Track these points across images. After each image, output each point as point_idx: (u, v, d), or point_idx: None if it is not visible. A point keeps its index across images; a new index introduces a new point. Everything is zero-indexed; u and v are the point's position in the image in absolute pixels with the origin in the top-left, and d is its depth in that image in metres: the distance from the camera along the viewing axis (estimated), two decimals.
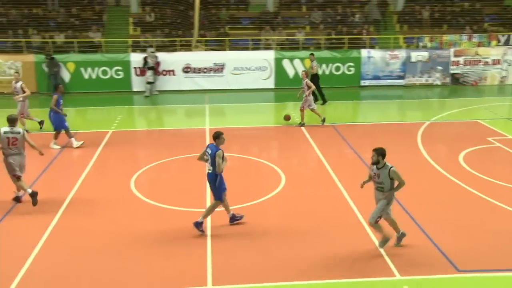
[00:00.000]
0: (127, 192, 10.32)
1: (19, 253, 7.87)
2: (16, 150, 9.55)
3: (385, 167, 7.61)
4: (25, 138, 9.65)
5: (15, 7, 21.87)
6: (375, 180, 7.76)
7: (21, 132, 9.64)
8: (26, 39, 20.43)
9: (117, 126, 15.32)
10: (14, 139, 9.52)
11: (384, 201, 7.67)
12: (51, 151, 12.85)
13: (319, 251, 7.97)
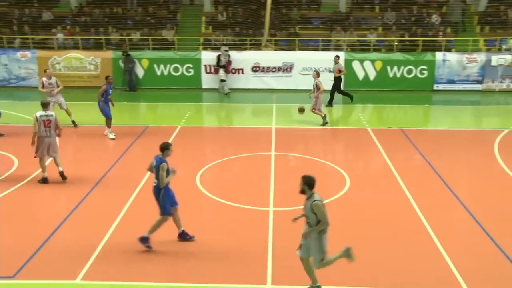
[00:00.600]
0: (193, 187, 10.59)
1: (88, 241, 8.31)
2: (49, 132, 10.57)
3: (311, 198, 6.51)
4: (57, 121, 10.69)
5: (98, 7, 23.13)
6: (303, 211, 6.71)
7: (54, 115, 10.71)
8: (106, 37, 21.54)
9: (185, 122, 15.77)
10: (48, 121, 10.56)
11: (316, 241, 6.61)
12: (121, 143, 13.42)
13: (381, 259, 7.76)
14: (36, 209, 9.75)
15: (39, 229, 8.69)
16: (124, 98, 19.32)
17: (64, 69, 20.87)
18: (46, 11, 22.77)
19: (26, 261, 7.62)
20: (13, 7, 23.21)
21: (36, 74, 20.83)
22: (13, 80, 20.97)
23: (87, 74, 20.94)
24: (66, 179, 10.72)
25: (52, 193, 10.64)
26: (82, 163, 12.23)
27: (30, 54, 20.78)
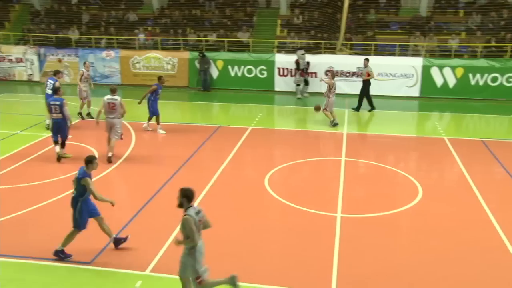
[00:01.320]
0: (261, 189, 10.69)
1: (159, 234, 8.65)
2: (114, 115, 12.06)
3: (186, 211, 6.18)
4: (122, 104, 12.04)
5: (178, 9, 24.02)
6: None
7: (118, 100, 12.03)
8: (184, 38, 22.30)
9: (257, 123, 15.94)
10: (113, 104, 12.04)
11: (188, 258, 6.26)
12: (193, 142, 13.81)
13: (454, 275, 7.40)
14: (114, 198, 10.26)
15: (114, 219, 9.16)
16: (198, 97, 19.91)
17: (143, 68, 21.87)
18: (131, 13, 23.98)
19: (102, 248, 8.07)
20: (102, 10, 24.69)
21: (118, 73, 22.00)
22: (98, 78, 22.27)
23: (164, 74, 21.76)
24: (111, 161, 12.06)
25: (128, 186, 11.20)
26: (156, 159, 12.73)
27: (114, 54, 21.99)
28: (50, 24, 23.68)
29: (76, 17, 24.21)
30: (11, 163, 11.96)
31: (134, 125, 15.19)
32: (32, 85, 22.46)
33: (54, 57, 22.39)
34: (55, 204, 9.82)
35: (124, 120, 13.08)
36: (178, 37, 22.22)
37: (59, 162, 12.07)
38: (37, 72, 22.69)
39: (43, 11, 24.81)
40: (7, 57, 22.72)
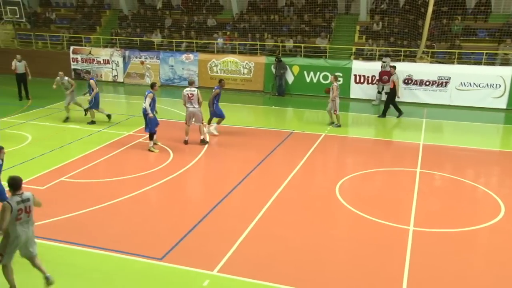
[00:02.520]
0: (332, 197, 10.59)
1: (228, 235, 8.84)
2: (191, 104, 13.70)
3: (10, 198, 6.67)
4: (198, 95, 13.60)
5: (257, 14, 24.40)
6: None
7: (196, 91, 13.56)
8: (261, 42, 22.62)
9: (330, 130, 15.80)
10: (191, 95, 13.67)
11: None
12: (266, 146, 13.93)
13: None
14: (187, 197, 10.67)
15: (187, 216, 9.50)
16: (272, 102, 20.09)
17: (220, 72, 22.45)
18: (211, 18, 24.73)
19: (174, 245, 8.39)
20: (184, 15, 25.67)
21: (196, 75, 22.74)
22: (176, 80, 23.19)
23: (241, 78, 22.22)
24: (207, 143, 13.79)
25: (201, 185, 11.55)
26: (228, 162, 13.02)
27: (193, 57, 22.77)
28: (136, 28, 24.99)
29: (159, 21, 25.37)
30: (93, 159, 12.77)
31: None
32: (116, 85, 23.82)
33: (137, 59, 23.60)
34: (130, 200, 10.35)
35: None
36: (255, 42, 22.58)
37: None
38: (121, 73, 24.04)
39: (130, 16, 26.23)
40: (96, 58, 24.29)
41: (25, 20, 25.87)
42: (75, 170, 11.94)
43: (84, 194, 10.66)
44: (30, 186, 10.91)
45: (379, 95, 19.77)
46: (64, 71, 24.51)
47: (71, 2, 28.57)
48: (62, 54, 25.05)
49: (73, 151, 13.40)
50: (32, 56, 25.40)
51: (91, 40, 25.53)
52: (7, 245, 6.83)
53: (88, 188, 11.03)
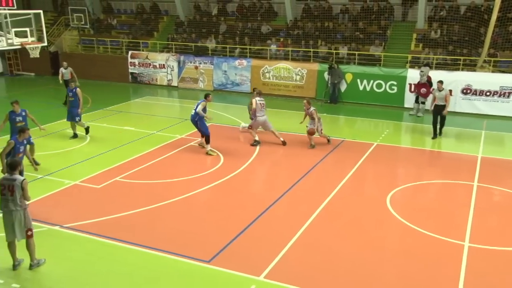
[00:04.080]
0: (382, 208, 10.34)
1: (275, 242, 8.81)
2: (263, 112, 14.58)
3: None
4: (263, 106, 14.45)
5: (311, 21, 24.33)
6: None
7: (263, 100, 14.53)
8: (314, 49, 22.51)
9: (382, 139, 15.47)
10: (263, 104, 14.57)
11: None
12: (316, 153, 13.81)
13: None
14: (237, 201, 10.74)
15: (237, 221, 9.56)
16: (324, 109, 19.91)
17: (272, 78, 22.52)
18: (265, 24, 24.89)
19: (222, 248, 8.46)
20: (238, 21, 26.00)
21: (248, 81, 22.94)
22: (229, 85, 23.48)
23: (293, 84, 22.20)
24: (285, 144, 14.52)
25: (251, 190, 11.60)
26: (278, 167, 13.01)
27: (246, 63, 22.99)
28: (191, 34, 25.54)
29: (214, 27, 25.81)
30: (146, 161, 13.12)
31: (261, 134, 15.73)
32: (170, 89, 24.42)
33: (192, 64, 24.10)
34: (181, 202, 10.54)
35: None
36: (309, 49, 22.50)
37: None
38: (175, 77, 24.62)
39: (186, 22, 26.86)
40: (152, 63, 25.02)
41: (89, 26, 27.12)
42: (129, 171, 12.31)
43: (136, 194, 10.96)
44: (87, 185, 11.36)
45: (417, 105, 19.10)
46: (122, 75, 25.63)
47: (131, 9, 29.62)
48: (121, 58, 26.00)
49: (128, 152, 13.83)
50: (94, 60, 26.61)
51: (149, 45, 26.33)
52: None
53: (141, 188, 11.34)
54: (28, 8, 25.17)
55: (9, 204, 7.59)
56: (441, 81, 15.88)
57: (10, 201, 7.57)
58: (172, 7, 28.21)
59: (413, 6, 23.59)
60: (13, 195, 7.54)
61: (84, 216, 9.66)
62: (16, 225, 7.67)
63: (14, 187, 7.52)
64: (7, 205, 7.61)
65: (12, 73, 28.18)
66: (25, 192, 7.61)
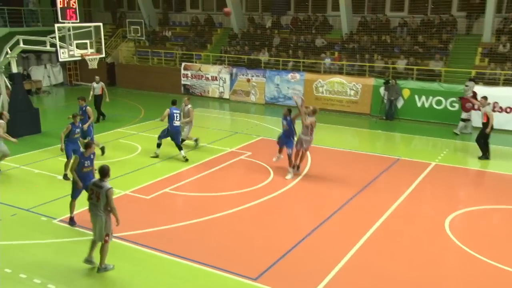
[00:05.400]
0: (440, 232, 9.90)
1: (325, 262, 8.61)
2: (309, 136, 12.75)
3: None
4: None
5: (367, 34, 24.00)
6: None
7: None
8: (370, 64, 22.15)
9: (441, 159, 14.90)
10: (311, 128, 12.72)
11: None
12: (369, 172, 13.48)
13: None
14: (286, 218, 10.64)
15: (285, 238, 9.45)
16: (379, 126, 19.50)
17: (326, 92, 22.32)
18: (319, 38, 24.80)
19: (269, 266, 8.36)
20: (292, 34, 26.07)
21: (301, 95, 22.82)
22: (281, 99, 23.48)
23: (347, 99, 21.91)
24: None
25: (300, 207, 11.46)
26: (330, 184, 12.79)
27: (299, 76, 22.94)
28: (244, 46, 25.84)
29: (268, 40, 25.99)
30: (196, 173, 13.27)
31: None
32: (222, 102, 24.73)
33: (244, 77, 24.33)
34: (229, 216, 10.54)
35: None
36: (364, 63, 22.17)
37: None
38: (227, 90, 24.91)
39: (240, 34, 27.22)
40: (205, 75, 25.48)
41: (144, 38, 28.10)
42: (178, 182, 12.48)
43: (185, 206, 11.08)
44: (136, 195, 11.61)
45: (463, 123, 18.27)
46: (175, 86, 26.25)
47: (186, 21, 30.43)
48: (174, 70, 26.66)
49: (178, 163, 14.04)
50: (148, 72, 27.45)
51: (202, 57, 26.87)
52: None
53: (190, 201, 11.45)
54: (89, 21, 26.45)
55: (94, 208, 8.11)
56: (485, 97, 15.32)
57: (95, 206, 8.06)
58: (226, 20, 28.72)
59: (479, 19, 22.78)
60: (98, 201, 7.99)
61: (132, 226, 9.84)
62: (96, 228, 8.14)
63: (100, 194, 7.95)
64: (92, 208, 8.15)
65: (71, 83, 29.52)
66: (109, 201, 7.97)
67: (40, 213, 10.54)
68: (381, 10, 25.27)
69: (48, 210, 10.70)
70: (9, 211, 10.68)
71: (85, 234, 9.51)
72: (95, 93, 19.25)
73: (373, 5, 26.03)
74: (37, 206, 10.92)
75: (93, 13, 32.81)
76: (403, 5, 24.94)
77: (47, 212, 10.57)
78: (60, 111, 22.12)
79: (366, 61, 22.25)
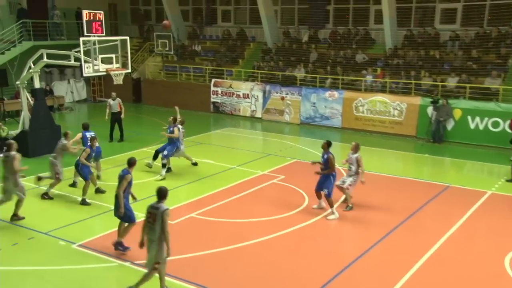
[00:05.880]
0: (498, 270, 9.53)
1: None
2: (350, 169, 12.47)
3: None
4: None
5: (414, 49, 23.76)
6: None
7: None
8: (416, 81, 21.86)
9: (498, 188, 14.44)
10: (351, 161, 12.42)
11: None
12: (414, 199, 13.18)
13: None
14: (322, 248, 10.47)
15: (320, 271, 9.28)
16: (426, 150, 19.14)
17: (366, 112, 22.13)
18: (360, 53, 24.73)
19: None
20: (331, 49, 26.10)
21: (339, 115, 22.72)
22: (317, 119, 23.41)
23: (390, 120, 21.64)
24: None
25: (338, 237, 11.27)
26: (371, 212, 12.55)
27: (337, 95, 22.85)
28: (279, 62, 25.99)
29: (304, 55, 26.08)
30: (224, 197, 13.26)
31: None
32: (253, 121, 24.83)
33: (278, 94, 24.41)
34: (258, 245, 10.45)
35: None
36: (410, 80, 21.92)
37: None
38: (260, 108, 25.02)
39: (274, 49, 27.44)
40: (236, 92, 25.71)
41: (173, 53, 28.64)
42: (205, 207, 12.50)
43: (211, 233, 11.06)
44: None
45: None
46: (204, 104, 26.56)
47: (217, 35, 30.91)
48: (203, 86, 27.02)
49: (206, 186, 14.09)
50: (175, 88, 27.90)
51: (233, 73, 27.16)
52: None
53: (217, 227, 11.43)
54: (116, 35, 27.19)
55: (151, 232, 8.07)
56: None
57: (152, 229, 8.04)
58: (260, 33, 29.02)
59: None
60: (155, 224, 8.00)
61: None
62: (148, 254, 8.12)
63: (156, 216, 7.99)
64: (149, 232, 8.12)
65: (95, 100, 30.28)
66: (164, 223, 7.95)
67: (59, 237, 10.70)
68: (430, 23, 24.95)
69: (67, 233, 10.86)
70: (26, 234, 10.90)
71: (107, 261, 9.60)
72: (112, 111, 19.22)
73: (421, 18, 25.75)
74: (56, 229, 11.09)
75: (120, 27, 33.75)
76: (455, 17, 24.57)
77: (66, 236, 10.72)
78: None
79: (412, 78, 21.99)
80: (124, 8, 34.54)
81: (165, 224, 7.94)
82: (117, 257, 9.73)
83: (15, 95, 23.95)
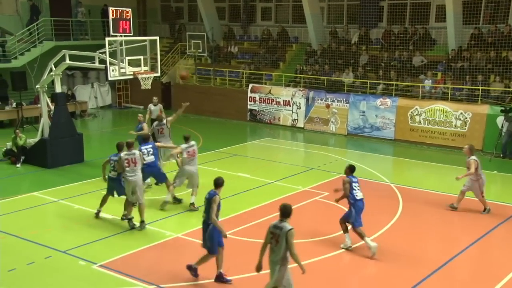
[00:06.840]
0: None
1: None
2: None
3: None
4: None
5: (482, 50, 23.24)
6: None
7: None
8: (484, 87, 21.46)
9: None
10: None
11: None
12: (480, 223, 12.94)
13: None
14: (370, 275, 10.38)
15: None
16: (494, 166, 18.75)
17: (424, 122, 21.87)
18: (418, 55, 24.45)
19: None
20: (384, 51, 25.89)
21: (392, 125, 22.50)
22: (367, 129, 23.27)
23: (451, 131, 21.31)
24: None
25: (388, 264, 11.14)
26: (426, 238, 12.40)
27: (390, 102, 22.68)
28: (324, 65, 25.99)
29: (353, 58, 26.01)
30: (261, 215, 13.29)
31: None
32: (295, 131, 24.88)
33: (323, 101, 24.40)
34: None
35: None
36: (477, 86, 21.55)
37: None
38: (302, 117, 25.05)
39: (319, 51, 27.45)
40: (275, 99, 25.83)
41: (206, 55, 28.97)
42: (239, 226, 12.57)
43: (245, 254, 11.07)
44: (190, 239, 11.82)
45: None
46: (240, 112, 26.77)
47: (255, 35, 31.12)
48: (239, 92, 27.25)
49: (242, 203, 14.20)
50: (209, 94, 28.24)
51: (273, 78, 27.29)
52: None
53: (251, 248, 11.42)
54: (144, 35, 27.78)
55: (273, 255, 8.13)
56: None
57: (274, 252, 8.09)
58: (304, 34, 29.11)
59: None
60: (278, 245, 8.01)
61: (184, 276, 9.99)
62: (271, 278, 8.19)
63: (279, 237, 7.99)
64: (271, 254, 8.17)
65: (121, 105, 30.95)
66: (290, 245, 7.94)
67: (78, 256, 10.94)
68: (503, 19, 24.14)
69: (87, 253, 11.10)
70: (43, 252, 11.18)
71: (131, 284, 9.76)
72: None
73: (492, 13, 24.95)
74: (75, 248, 11.35)
75: (149, 26, 34.52)
76: None
77: (86, 256, 10.96)
78: (106, 137, 23.17)
79: (479, 84, 21.62)
80: (154, 6, 35.29)
81: (291, 246, 7.90)
82: (142, 279, 9.89)
83: (34, 100, 24.71)
